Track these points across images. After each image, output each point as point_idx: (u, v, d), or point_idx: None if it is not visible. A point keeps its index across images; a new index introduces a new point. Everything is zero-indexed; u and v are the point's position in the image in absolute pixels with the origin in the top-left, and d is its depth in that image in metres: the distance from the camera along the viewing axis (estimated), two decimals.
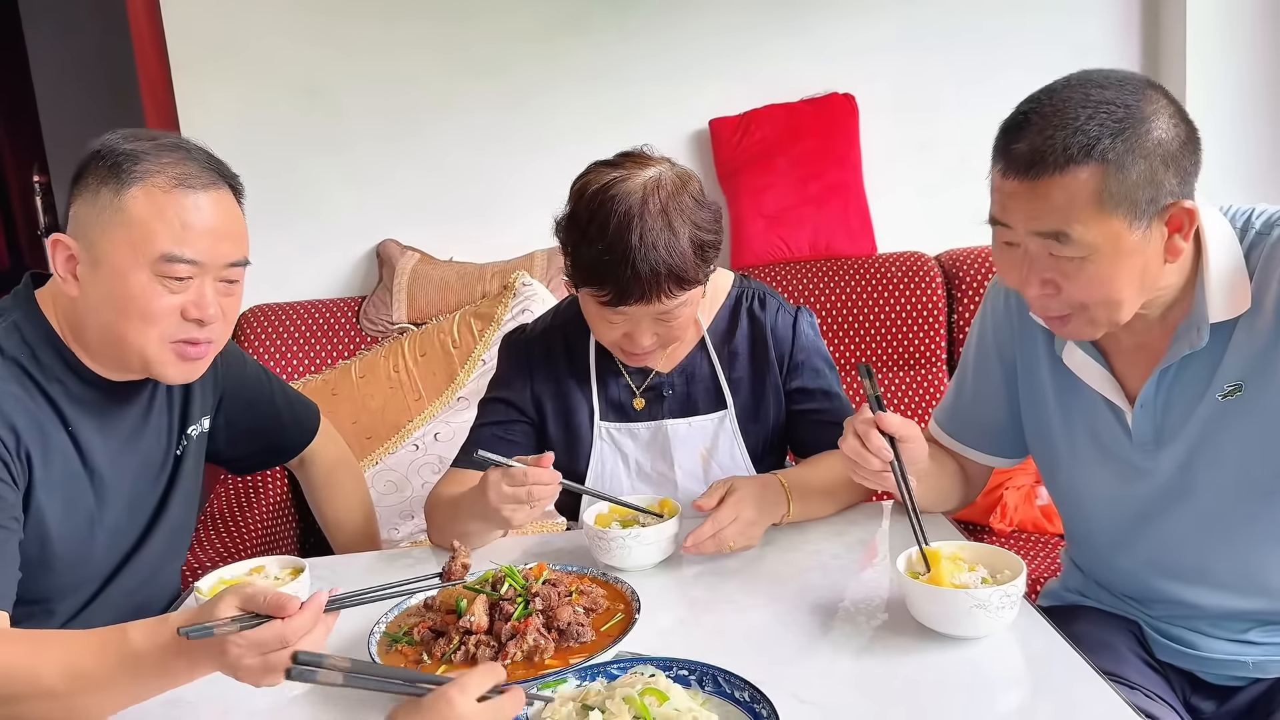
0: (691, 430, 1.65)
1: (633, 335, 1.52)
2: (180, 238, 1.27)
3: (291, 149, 2.83)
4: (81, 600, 1.39)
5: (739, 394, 1.66)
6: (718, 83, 2.82)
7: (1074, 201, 1.12)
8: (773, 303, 1.70)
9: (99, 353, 1.35)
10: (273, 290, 2.81)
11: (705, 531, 1.43)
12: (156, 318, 1.28)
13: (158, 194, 1.27)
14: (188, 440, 1.52)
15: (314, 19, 2.78)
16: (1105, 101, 1.12)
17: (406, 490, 2.49)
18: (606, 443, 1.67)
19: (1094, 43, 2.87)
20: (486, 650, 1.15)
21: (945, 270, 2.74)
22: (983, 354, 1.51)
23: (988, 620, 1.17)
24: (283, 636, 1.02)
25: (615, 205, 1.44)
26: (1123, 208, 1.12)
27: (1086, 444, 1.37)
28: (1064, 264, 1.16)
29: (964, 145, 2.88)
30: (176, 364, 1.33)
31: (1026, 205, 1.15)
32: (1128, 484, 1.34)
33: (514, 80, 2.83)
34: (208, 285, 1.31)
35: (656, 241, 1.42)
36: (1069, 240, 1.14)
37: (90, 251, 1.28)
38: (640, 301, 1.45)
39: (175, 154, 1.30)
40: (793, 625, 1.27)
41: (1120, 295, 1.17)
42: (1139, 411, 1.29)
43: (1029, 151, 1.13)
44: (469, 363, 2.55)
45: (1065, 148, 1.11)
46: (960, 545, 1.27)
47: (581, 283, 1.50)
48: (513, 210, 2.87)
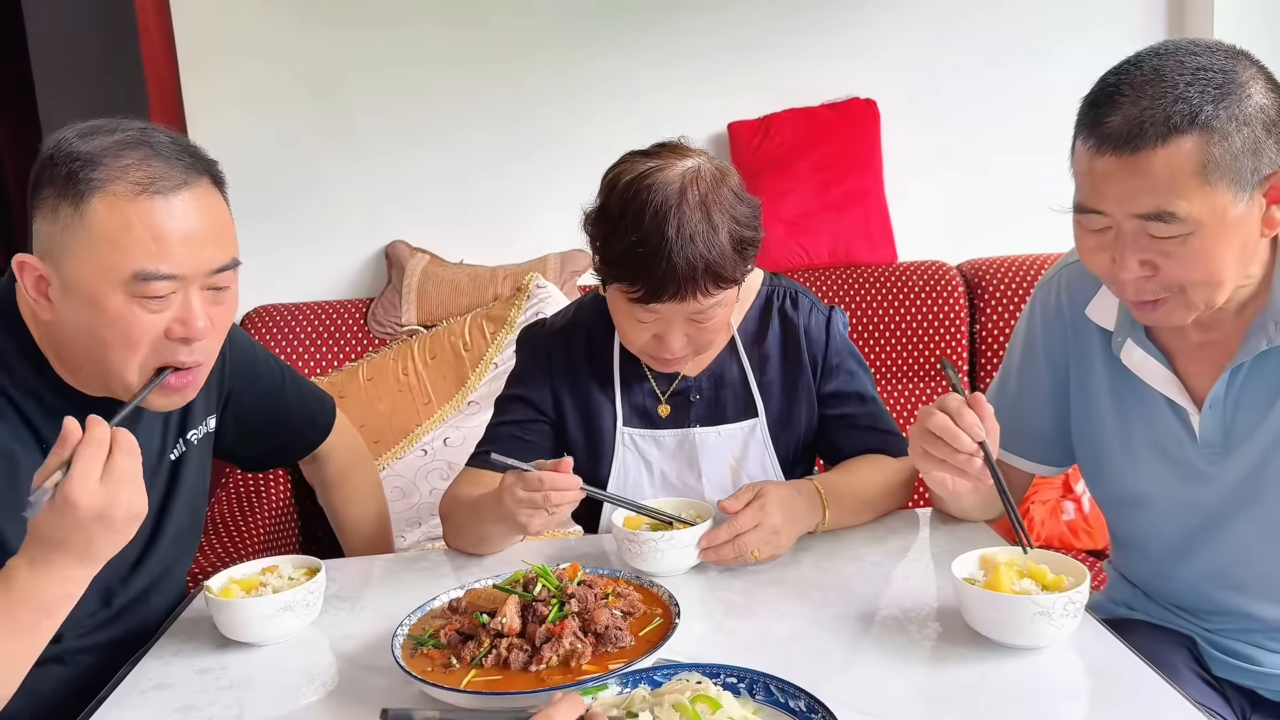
0: (721, 439, 1.58)
1: (663, 337, 1.44)
2: (153, 252, 1.13)
3: (300, 149, 2.78)
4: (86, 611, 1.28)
5: (770, 399, 1.59)
6: (736, 86, 2.78)
7: (1176, 174, 1.05)
8: (805, 302, 1.62)
9: (84, 374, 1.24)
10: (279, 291, 2.75)
11: (721, 536, 1.35)
12: (138, 342, 1.16)
13: (122, 204, 1.12)
14: (187, 445, 1.42)
15: (327, 20, 2.73)
16: (1202, 68, 1.06)
17: (414, 496, 2.42)
18: (630, 450, 1.59)
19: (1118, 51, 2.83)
20: (519, 654, 1.08)
21: (967, 280, 2.69)
22: (1029, 356, 1.44)
23: (1050, 629, 1.10)
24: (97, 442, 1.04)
25: (651, 195, 1.36)
26: (1226, 178, 1.05)
27: (1145, 448, 1.31)
28: (1164, 243, 1.09)
29: (987, 154, 2.85)
30: (162, 395, 1.22)
31: (1124, 184, 1.08)
32: (1190, 489, 1.27)
33: (528, 82, 2.79)
34: (193, 298, 1.17)
35: (694, 234, 1.35)
36: (1173, 219, 1.07)
37: (58, 274, 1.14)
38: (674, 299, 1.37)
39: (138, 152, 1.14)
40: (840, 632, 1.20)
41: (1222, 273, 1.10)
42: (1208, 413, 1.22)
43: (1125, 123, 1.06)
44: (480, 366, 2.49)
45: (1167, 117, 1.04)
46: (1014, 551, 1.20)
47: (611, 278, 1.42)
48: (526, 213, 2.82)
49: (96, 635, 1.33)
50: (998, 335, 2.64)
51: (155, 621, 1.40)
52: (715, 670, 1.03)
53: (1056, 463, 1.48)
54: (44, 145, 1.17)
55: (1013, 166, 2.84)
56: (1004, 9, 2.79)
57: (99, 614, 1.33)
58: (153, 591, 1.41)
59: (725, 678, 1.02)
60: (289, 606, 1.24)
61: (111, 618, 1.35)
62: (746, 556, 1.34)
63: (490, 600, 1.17)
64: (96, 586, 1.28)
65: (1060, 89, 2.78)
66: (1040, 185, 2.79)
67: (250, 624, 1.23)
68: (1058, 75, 2.81)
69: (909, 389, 2.67)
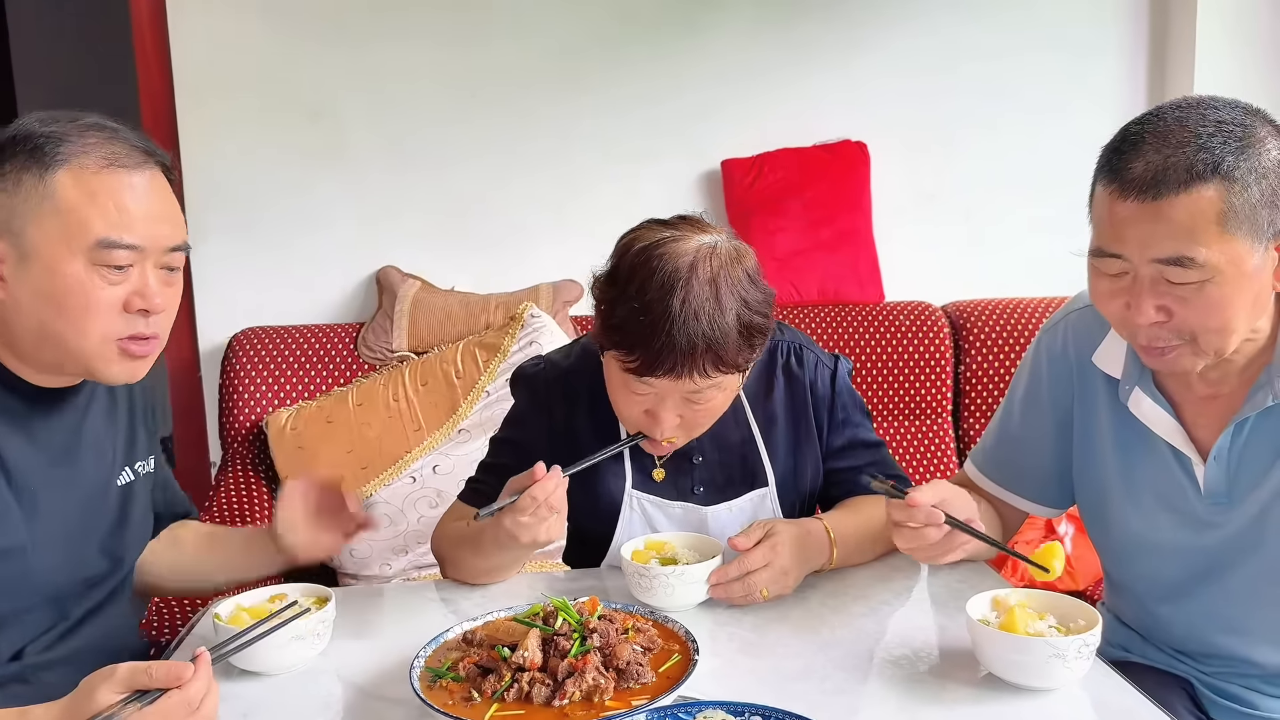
0: (732, 515, 1.54)
1: (655, 414, 1.38)
2: (117, 222, 1.17)
3: (294, 172, 2.78)
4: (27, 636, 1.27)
5: (778, 461, 1.55)
6: (731, 124, 2.82)
7: (1197, 222, 1.08)
8: (810, 356, 1.59)
9: (32, 356, 1.23)
10: (268, 314, 2.74)
11: (732, 573, 1.35)
12: (97, 311, 1.18)
13: (87, 176, 1.16)
14: (135, 475, 1.41)
15: (323, 44, 2.74)
16: (1223, 121, 1.10)
17: (401, 524, 2.40)
18: (637, 513, 1.55)
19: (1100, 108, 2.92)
20: (542, 689, 1.08)
21: (952, 321, 2.74)
22: (1032, 398, 1.47)
23: (1064, 671, 1.12)
24: (188, 701, 1.01)
25: (660, 264, 1.31)
26: (1245, 228, 1.09)
27: (1148, 495, 1.33)
28: (1180, 289, 1.12)
29: (970, 200, 2.92)
30: (120, 362, 1.22)
31: (1145, 229, 1.11)
32: (1192, 536, 1.30)
33: (525, 113, 2.81)
34: (150, 273, 1.21)
35: (699, 311, 1.29)
36: (1192, 265, 1.10)
37: (17, 247, 1.16)
38: (669, 374, 1.31)
39: (101, 133, 1.19)
40: (853, 671, 1.21)
41: (1234, 321, 1.13)
42: (1212, 464, 1.25)
43: (1148, 170, 1.10)
44: (472, 394, 2.48)
45: (1190, 164, 1.08)
46: (1027, 593, 1.23)
47: (610, 344, 1.36)
48: (518, 242, 2.84)
49: (57, 649, 1.30)
50: (981, 376, 2.69)
51: (118, 634, 1.39)
52: (740, 709, 1.04)
53: (1054, 504, 1.51)
54: (2, 133, 1.20)
55: (997, 212, 2.92)
56: (993, 60, 2.87)
57: (57, 626, 1.30)
58: (105, 607, 1.38)
59: (750, 715, 1.03)
60: (300, 636, 1.23)
61: (70, 629, 1.32)
62: (755, 595, 1.35)
63: (509, 633, 1.17)
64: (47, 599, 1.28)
65: (1044, 140, 2.89)
66: (1022, 231, 2.91)
67: (261, 653, 1.21)
68: (1042, 126, 2.91)
69: (893, 427, 2.70)
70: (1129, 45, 2.90)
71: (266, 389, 2.57)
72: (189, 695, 1.00)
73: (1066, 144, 2.91)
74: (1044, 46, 2.88)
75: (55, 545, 1.28)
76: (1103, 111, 2.91)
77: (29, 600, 1.26)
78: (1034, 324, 2.68)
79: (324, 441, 2.46)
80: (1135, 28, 2.90)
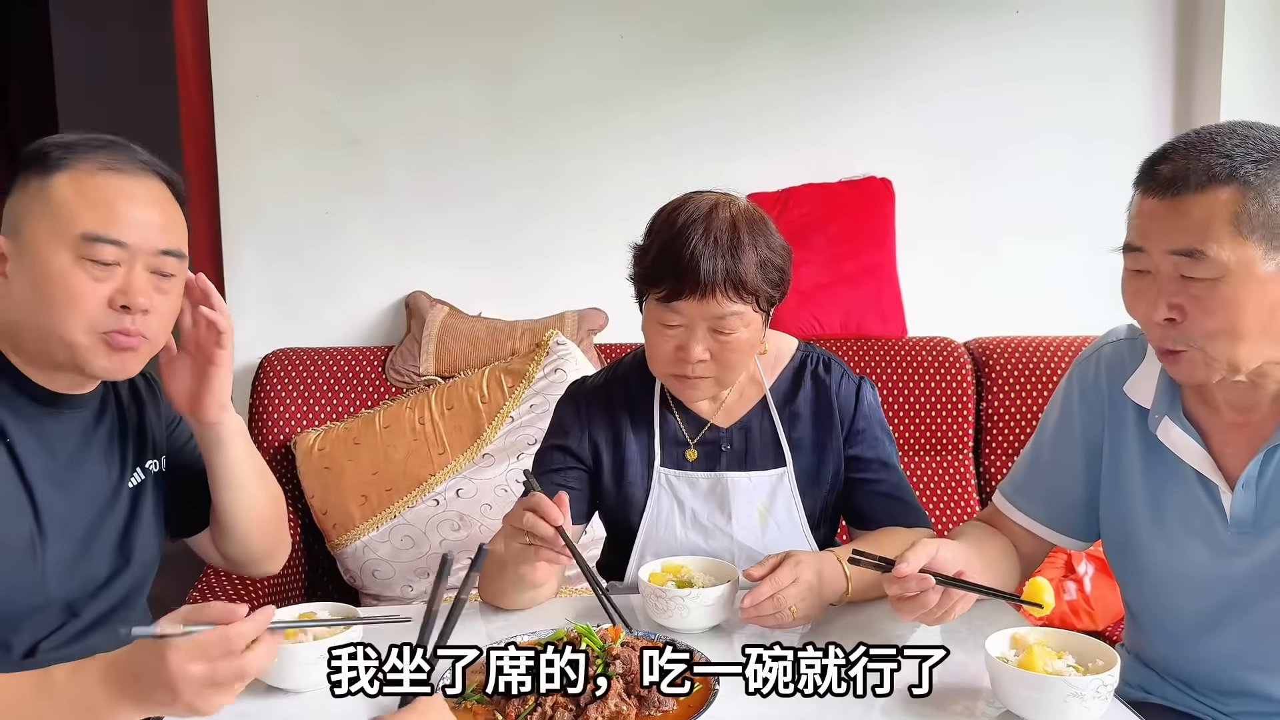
0: (751, 484, 1.63)
1: (685, 345, 1.50)
2: (103, 217, 1.22)
3: (328, 197, 2.83)
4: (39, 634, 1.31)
5: (799, 453, 1.65)
6: (758, 158, 2.86)
7: (1211, 219, 1.15)
8: (837, 369, 1.70)
9: (34, 354, 1.28)
10: (298, 336, 2.78)
11: (764, 592, 1.37)
12: (81, 304, 1.22)
13: (82, 177, 1.23)
14: (145, 474, 1.45)
15: (363, 74, 2.80)
16: (1251, 137, 1.17)
17: (424, 546, 2.43)
18: (665, 489, 1.64)
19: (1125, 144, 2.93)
20: (565, 713, 1.10)
21: (974, 357, 2.75)
22: (1065, 427, 1.49)
23: (1081, 710, 1.13)
24: (227, 639, 1.00)
25: (686, 206, 1.51)
26: (1259, 233, 1.15)
27: (1175, 524, 1.35)
28: (1194, 286, 1.18)
29: (993, 238, 2.94)
30: (106, 354, 1.26)
31: (1164, 223, 1.18)
32: (1217, 565, 1.31)
33: (556, 146, 2.86)
34: (137, 272, 1.25)
35: (720, 240, 1.46)
36: (1203, 258, 1.16)
37: (17, 243, 1.24)
38: (694, 296, 1.46)
39: (111, 148, 1.26)
40: (873, 705, 1.23)
41: (1244, 328, 1.17)
42: (1240, 493, 1.27)
43: (1172, 172, 1.18)
44: (497, 419, 2.51)
45: (1208, 167, 1.16)
46: (1046, 632, 1.24)
47: (643, 283, 1.54)
48: (544, 270, 2.88)
49: (70, 649, 1.33)
50: (1003, 414, 2.70)
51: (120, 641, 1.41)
52: None
53: (1081, 535, 1.52)
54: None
55: (1020, 250, 2.93)
56: (1017, 99, 2.90)
57: (70, 624, 1.34)
58: (119, 610, 1.41)
59: None
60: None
61: (83, 630, 1.35)
62: (785, 614, 1.37)
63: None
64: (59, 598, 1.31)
65: (1069, 178, 2.91)
66: (1045, 268, 2.92)
67: (294, 670, 1.24)
68: (1066, 164, 2.93)
69: (914, 462, 2.71)
70: (1153, 80, 2.91)
71: (295, 409, 2.61)
72: (230, 634, 1.00)
73: (1091, 183, 2.93)
74: (1068, 87, 2.90)
75: (66, 545, 1.32)
76: (1128, 149, 2.90)
77: (40, 599, 1.29)
78: (1056, 362, 2.68)
79: (350, 462, 2.49)
80: (1159, 63, 2.91)
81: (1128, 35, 2.91)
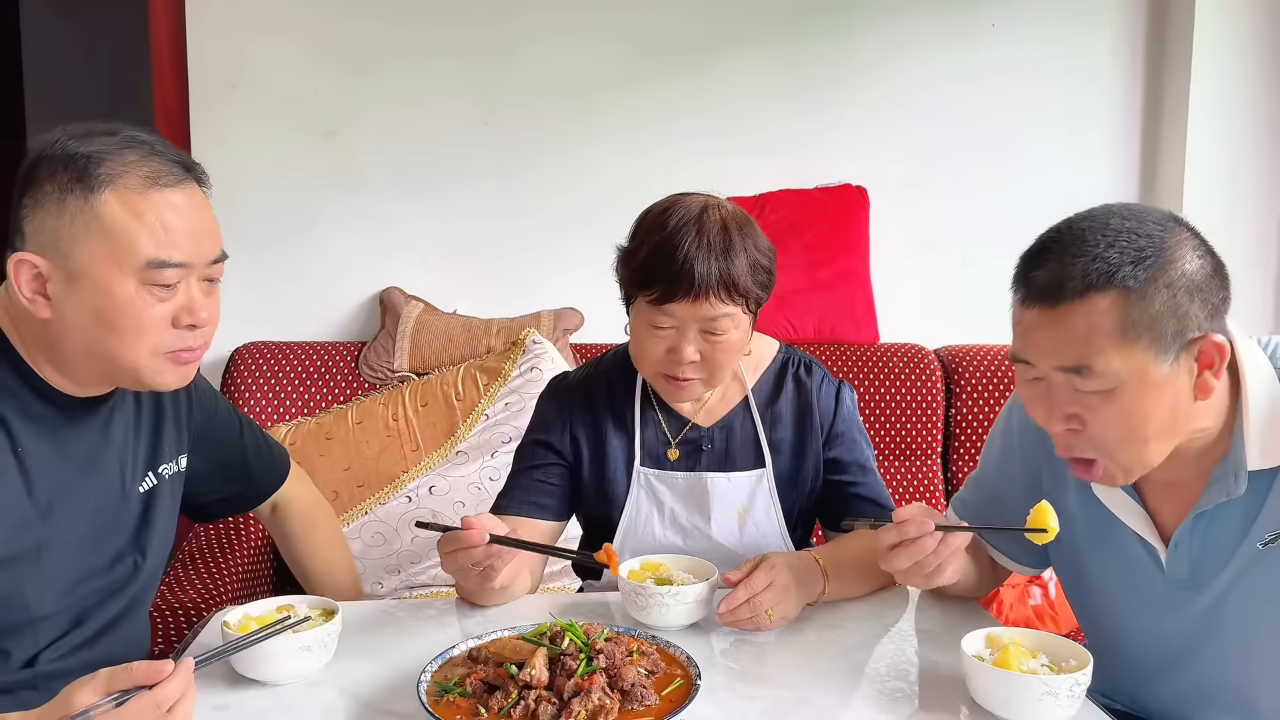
0: (731, 485, 1.64)
1: (676, 348, 1.51)
2: (164, 241, 1.20)
3: (303, 188, 2.82)
4: (41, 643, 1.28)
5: (779, 455, 1.66)
6: (735, 162, 2.88)
7: (1095, 330, 1.10)
8: (818, 371, 1.72)
9: (77, 371, 1.26)
10: (269, 329, 2.76)
11: (739, 597, 1.39)
12: (149, 329, 1.21)
13: (133, 196, 1.19)
14: (158, 479, 1.43)
15: (340, 64, 2.79)
16: (1126, 230, 1.12)
17: (395, 543, 2.42)
18: (644, 489, 1.65)
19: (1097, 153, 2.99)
20: (548, 707, 1.10)
21: (944, 364, 2.79)
22: (1007, 458, 1.47)
23: (1055, 709, 1.15)
24: (157, 703, 1.00)
25: (676, 208, 1.52)
26: (1146, 337, 1.10)
27: (1118, 575, 1.33)
28: (1089, 398, 1.14)
29: (965, 247, 2.98)
30: (172, 370, 1.26)
31: (1048, 336, 1.14)
32: (1163, 616, 1.29)
33: (534, 143, 2.86)
34: (194, 287, 1.25)
35: (712, 243, 1.47)
36: (1092, 374, 1.11)
37: (64, 267, 1.18)
38: (687, 298, 1.47)
39: (138, 150, 1.21)
40: (849, 701, 1.24)
41: (1147, 433, 1.14)
42: (1173, 552, 1.25)
43: (1048, 278, 1.13)
44: (472, 416, 2.51)
45: (1085, 274, 1.10)
46: (1020, 632, 1.26)
47: (633, 285, 1.53)
48: (520, 268, 2.88)
49: (71, 660, 1.31)
50: (972, 420, 2.74)
51: (135, 651, 1.39)
52: None
53: (1030, 564, 1.51)
54: (35, 146, 1.21)
55: (991, 259, 2.96)
56: (992, 111, 2.95)
57: (71, 634, 1.31)
58: (122, 620, 1.39)
59: None
60: (308, 647, 1.25)
61: (87, 640, 1.33)
62: (761, 617, 1.37)
63: (515, 651, 1.19)
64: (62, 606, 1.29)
65: (1040, 190, 2.96)
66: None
67: (269, 662, 1.23)
68: (1039, 177, 2.98)
69: (883, 467, 2.72)
70: (1124, 93, 2.97)
71: (267, 403, 2.59)
72: (159, 696, 1.00)
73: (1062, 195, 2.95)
74: (1042, 99, 2.95)
75: (71, 551, 1.29)
76: (1100, 161, 2.99)
77: (46, 608, 1.27)
78: None
79: (321, 458, 2.47)
80: (1130, 78, 2.97)
81: (1099, 49, 2.97)
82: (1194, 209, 2.86)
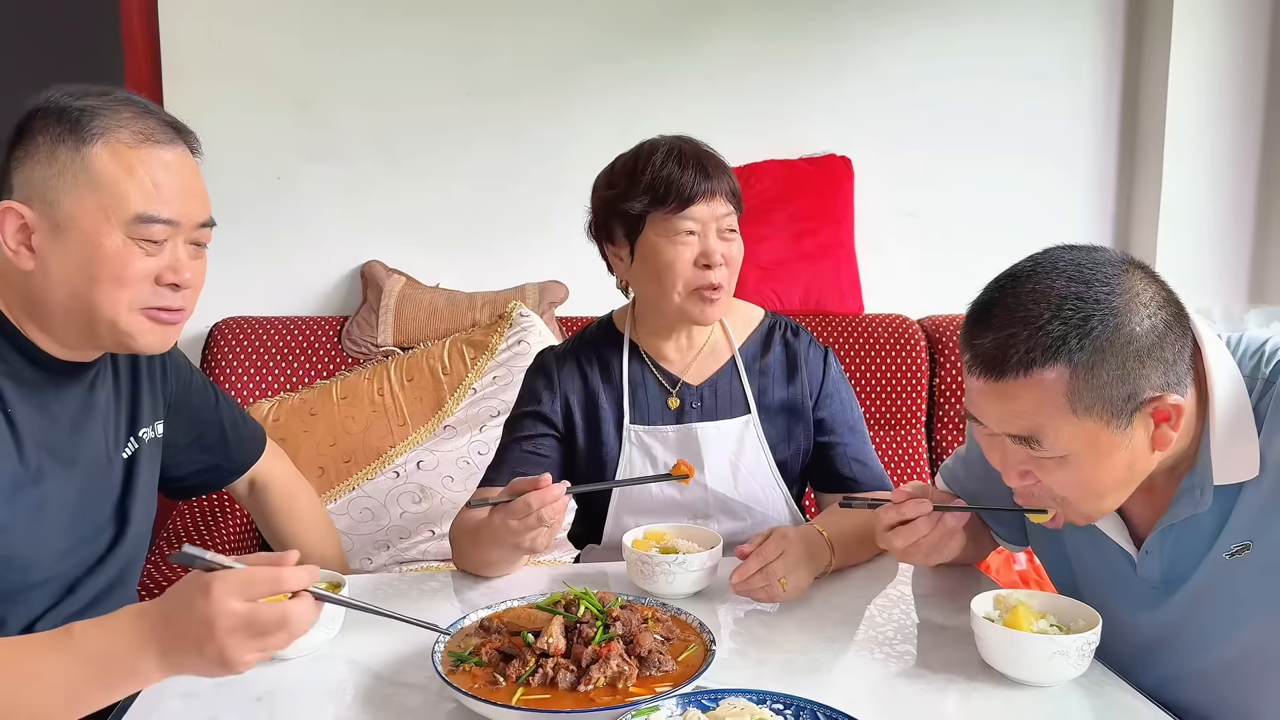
0: (720, 433, 1.66)
1: (709, 250, 1.56)
2: (154, 197, 1.20)
3: (281, 160, 2.76)
4: (35, 612, 1.26)
5: (767, 409, 1.68)
6: (720, 133, 2.80)
7: (1042, 404, 1.07)
8: (805, 335, 1.75)
9: (60, 329, 1.24)
10: (249, 303, 2.71)
11: (751, 567, 1.39)
12: (130, 282, 1.20)
13: (124, 150, 1.18)
14: (139, 443, 1.41)
15: (317, 33, 2.73)
16: (1071, 296, 1.06)
17: (384, 519, 2.40)
18: (636, 447, 1.66)
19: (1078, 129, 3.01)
20: (567, 674, 1.10)
21: (928, 334, 2.80)
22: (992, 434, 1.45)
23: (1065, 668, 1.17)
24: (278, 578, 0.98)
25: (649, 143, 1.61)
26: (1095, 408, 1.07)
27: (1095, 573, 1.33)
28: (1043, 461, 1.13)
29: (948, 219, 2.99)
30: (152, 330, 1.24)
31: (995, 406, 1.11)
32: (1138, 614, 1.28)
33: (516, 114, 2.82)
34: (180, 247, 1.24)
35: (702, 152, 1.59)
36: (1041, 445, 1.10)
37: (52, 216, 1.17)
38: (706, 196, 1.55)
39: (131, 108, 1.22)
40: (861, 665, 1.25)
41: (1101, 488, 1.13)
42: (1145, 558, 1.24)
43: (992, 350, 1.09)
44: (459, 390, 2.49)
45: (1028, 350, 1.06)
46: (1027, 594, 1.27)
47: (645, 207, 1.56)
48: (505, 243, 2.85)
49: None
50: (955, 389, 2.76)
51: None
52: (763, 696, 1.07)
53: (1013, 540, 1.52)
54: (28, 102, 1.21)
55: (974, 232, 2.99)
56: (977, 84, 2.95)
57: (64, 603, 1.29)
58: (114, 590, 1.37)
59: (771, 703, 1.06)
60: (318, 620, 1.23)
61: (78, 610, 1.31)
62: (774, 586, 1.38)
63: (531, 620, 1.18)
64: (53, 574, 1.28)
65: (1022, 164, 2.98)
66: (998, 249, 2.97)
67: None
68: (1022, 151, 3.00)
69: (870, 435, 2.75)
70: (1105, 67, 3.00)
71: (249, 379, 2.55)
72: (282, 574, 0.98)
73: (1044, 169, 3.01)
74: (1028, 74, 2.96)
75: (65, 516, 1.27)
76: (1083, 136, 3.01)
77: (38, 574, 1.25)
78: None
79: (306, 434, 2.44)
80: (1111, 51, 2.99)
81: (1083, 16, 2.98)
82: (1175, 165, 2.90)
